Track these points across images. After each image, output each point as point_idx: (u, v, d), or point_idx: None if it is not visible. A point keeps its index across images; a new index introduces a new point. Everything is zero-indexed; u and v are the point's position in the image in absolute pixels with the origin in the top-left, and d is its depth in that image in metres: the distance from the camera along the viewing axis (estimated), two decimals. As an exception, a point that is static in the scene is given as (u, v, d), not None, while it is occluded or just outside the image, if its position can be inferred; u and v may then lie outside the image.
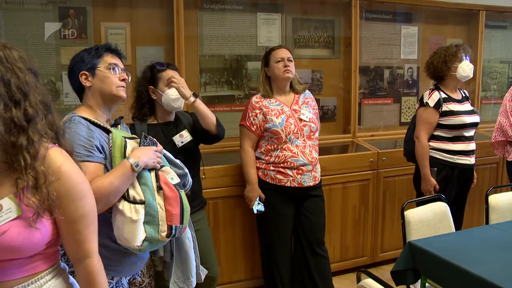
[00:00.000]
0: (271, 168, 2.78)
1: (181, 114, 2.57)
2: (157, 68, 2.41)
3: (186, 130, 2.48)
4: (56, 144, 1.28)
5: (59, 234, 1.27)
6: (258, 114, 2.79)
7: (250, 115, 2.82)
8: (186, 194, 2.30)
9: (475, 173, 3.20)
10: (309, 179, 2.79)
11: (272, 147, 2.78)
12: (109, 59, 1.80)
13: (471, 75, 3.08)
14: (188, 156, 2.41)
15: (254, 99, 2.85)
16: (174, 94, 2.35)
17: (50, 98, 1.28)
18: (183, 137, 2.44)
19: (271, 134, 2.76)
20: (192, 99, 2.36)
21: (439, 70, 3.07)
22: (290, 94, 2.90)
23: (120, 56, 1.86)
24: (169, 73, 2.40)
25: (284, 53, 2.82)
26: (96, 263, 1.33)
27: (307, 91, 2.98)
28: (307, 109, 2.87)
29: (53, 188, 1.20)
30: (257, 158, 2.85)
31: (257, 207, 2.79)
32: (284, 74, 2.79)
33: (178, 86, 2.35)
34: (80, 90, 1.80)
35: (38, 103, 1.22)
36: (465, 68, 3.03)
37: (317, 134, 2.91)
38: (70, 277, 1.39)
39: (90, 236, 1.31)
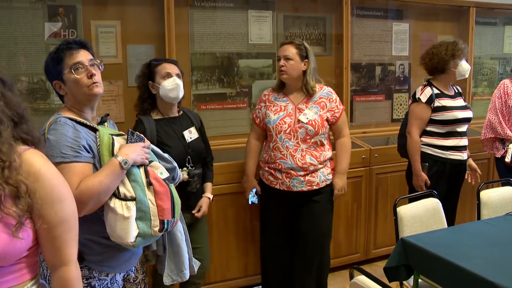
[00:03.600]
0: (266, 168, 2.75)
1: (189, 112, 2.64)
2: (153, 63, 2.48)
3: (194, 127, 2.56)
4: (33, 147, 1.23)
5: (38, 241, 1.23)
6: (262, 108, 2.78)
7: (257, 107, 2.83)
8: (194, 188, 2.43)
9: (467, 168, 3.22)
10: (300, 184, 2.64)
11: (269, 144, 2.75)
12: (69, 60, 1.70)
13: (467, 76, 3.12)
14: (197, 151, 2.50)
15: (265, 91, 2.85)
16: (170, 84, 2.39)
17: (23, 107, 1.23)
18: (191, 133, 2.52)
19: (268, 130, 2.74)
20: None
21: (445, 62, 3.03)
22: (300, 92, 2.71)
23: (83, 46, 1.75)
24: (165, 66, 2.45)
25: (282, 51, 2.68)
26: (73, 271, 1.28)
27: (326, 90, 2.74)
28: (315, 109, 2.65)
29: (37, 197, 1.15)
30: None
31: (252, 199, 2.82)
32: (280, 75, 2.72)
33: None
34: (60, 95, 1.80)
35: (2, 111, 1.16)
36: (465, 67, 3.05)
37: (318, 138, 2.65)
38: None
39: (69, 242, 1.26)
